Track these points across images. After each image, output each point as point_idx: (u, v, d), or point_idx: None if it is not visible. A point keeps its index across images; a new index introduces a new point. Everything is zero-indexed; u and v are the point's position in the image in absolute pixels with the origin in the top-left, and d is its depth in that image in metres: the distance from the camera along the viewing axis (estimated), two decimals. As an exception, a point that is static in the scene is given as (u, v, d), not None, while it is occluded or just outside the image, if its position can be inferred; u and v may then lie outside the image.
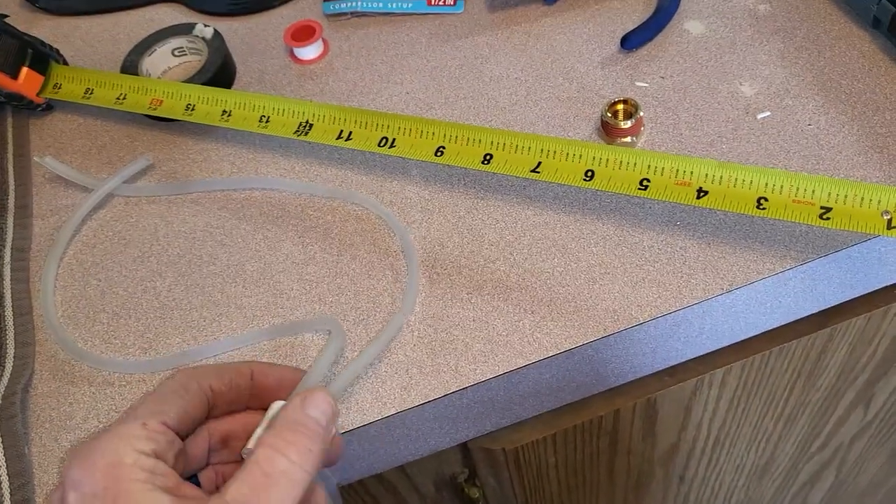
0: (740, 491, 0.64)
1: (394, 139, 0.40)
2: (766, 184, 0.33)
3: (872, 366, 0.50)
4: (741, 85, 0.43)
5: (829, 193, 0.32)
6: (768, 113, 0.41)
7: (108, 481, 0.24)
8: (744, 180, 0.34)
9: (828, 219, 0.32)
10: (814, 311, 0.40)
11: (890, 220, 0.31)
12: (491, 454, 0.44)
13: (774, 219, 0.33)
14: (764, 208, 0.33)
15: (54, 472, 0.35)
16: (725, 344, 0.40)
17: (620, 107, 0.41)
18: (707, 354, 0.41)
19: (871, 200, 0.32)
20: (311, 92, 0.47)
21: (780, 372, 0.46)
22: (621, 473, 0.52)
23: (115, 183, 0.44)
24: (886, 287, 0.41)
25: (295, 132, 0.42)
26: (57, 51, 0.50)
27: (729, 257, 0.36)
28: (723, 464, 0.57)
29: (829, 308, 0.41)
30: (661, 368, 0.40)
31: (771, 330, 0.41)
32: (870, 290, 0.40)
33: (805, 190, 0.33)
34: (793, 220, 0.33)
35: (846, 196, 0.32)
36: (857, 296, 0.40)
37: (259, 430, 0.28)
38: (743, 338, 0.40)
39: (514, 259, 0.38)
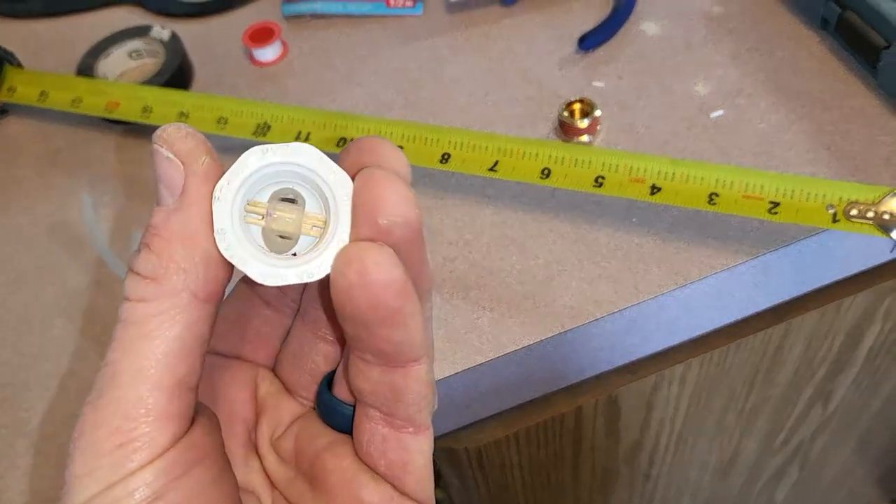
0: (706, 488, 0.65)
1: (352, 139, 0.40)
2: (717, 179, 0.34)
3: (829, 361, 0.51)
4: (695, 85, 0.44)
5: (777, 189, 0.33)
6: (721, 112, 0.42)
7: None
8: (695, 176, 0.34)
9: (776, 213, 0.33)
10: (768, 306, 0.41)
11: (834, 214, 0.32)
12: (454, 454, 0.44)
13: (725, 214, 0.34)
14: (715, 203, 0.34)
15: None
16: (683, 339, 0.40)
17: (577, 106, 0.42)
18: (666, 351, 0.42)
19: (816, 195, 0.32)
20: (270, 93, 0.47)
21: (738, 367, 0.47)
22: (586, 472, 0.52)
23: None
24: (838, 282, 0.42)
25: (253, 133, 0.41)
26: (12, 54, 0.49)
27: (683, 253, 0.37)
28: (687, 461, 0.58)
29: (784, 304, 0.42)
30: (620, 364, 0.40)
31: (728, 325, 0.42)
32: (822, 285, 0.41)
33: (754, 185, 0.33)
34: (743, 215, 0.33)
35: (793, 191, 0.33)
36: (809, 290, 0.41)
37: None
38: (700, 333, 0.40)
39: (473, 258, 0.38)
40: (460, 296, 0.37)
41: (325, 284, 0.18)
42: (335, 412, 0.21)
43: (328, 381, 0.21)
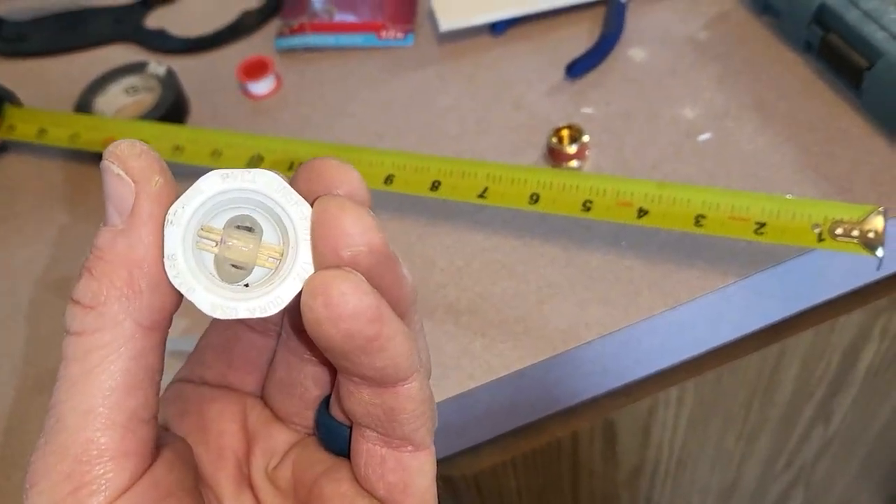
0: (709, 513, 0.64)
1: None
2: (704, 201, 0.34)
3: (827, 381, 0.51)
4: (682, 109, 0.44)
5: (763, 209, 0.33)
6: (709, 135, 0.43)
7: None
8: (682, 199, 0.35)
9: (762, 233, 0.33)
10: (760, 326, 0.41)
11: (820, 234, 0.32)
12: (451, 482, 0.43)
13: (713, 235, 0.34)
14: (702, 225, 0.34)
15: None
16: (676, 361, 0.40)
17: (565, 132, 0.42)
18: (661, 373, 0.42)
19: (802, 215, 0.33)
20: (264, 126, 0.48)
21: (735, 388, 0.47)
22: (586, 497, 0.52)
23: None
24: (830, 301, 0.42)
25: (247, 165, 0.42)
26: (11, 92, 0.50)
27: (673, 275, 0.37)
28: (689, 485, 0.57)
29: (778, 324, 0.42)
30: (614, 387, 0.40)
31: (723, 347, 0.42)
32: (813, 304, 0.41)
33: (740, 206, 0.34)
34: (730, 236, 0.34)
35: (779, 211, 0.33)
36: (801, 310, 0.41)
37: None
38: (692, 354, 0.40)
39: (465, 283, 0.38)
40: (452, 321, 0.37)
41: (299, 313, 0.17)
42: (337, 435, 0.20)
43: (327, 403, 0.20)
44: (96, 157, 0.48)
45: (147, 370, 0.17)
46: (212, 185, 0.17)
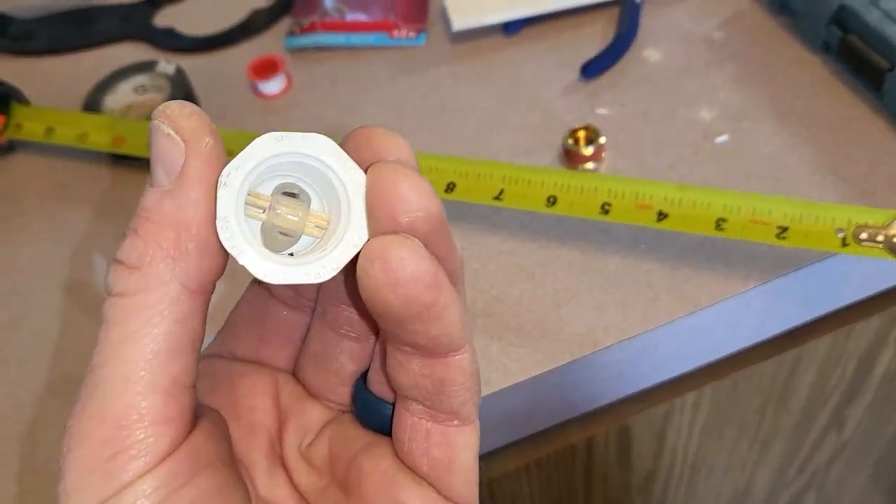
0: (720, 519, 0.64)
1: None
2: (725, 205, 0.34)
3: (842, 388, 0.51)
4: (699, 110, 0.44)
5: (786, 213, 0.33)
6: (726, 136, 0.42)
7: None
8: (702, 202, 0.34)
9: (784, 238, 0.32)
10: (779, 332, 0.40)
11: (844, 238, 0.32)
12: (463, 487, 0.43)
13: (734, 239, 0.33)
14: (723, 229, 0.33)
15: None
16: (694, 367, 0.40)
17: (581, 133, 0.42)
18: (677, 379, 0.41)
19: (825, 219, 0.32)
20: (274, 126, 0.48)
21: (751, 394, 0.46)
22: (599, 503, 0.52)
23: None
24: (848, 307, 0.42)
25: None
26: (18, 91, 0.49)
27: (693, 279, 0.36)
28: (702, 492, 0.57)
29: (795, 330, 0.41)
30: (630, 393, 0.40)
31: (739, 353, 0.41)
32: (832, 310, 0.41)
33: (762, 210, 0.33)
34: (751, 240, 0.33)
35: (801, 215, 0.32)
36: (820, 315, 0.40)
37: None
38: (710, 360, 0.40)
39: (481, 286, 0.38)
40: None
41: (353, 279, 0.17)
42: (375, 411, 0.19)
43: (364, 378, 0.20)
44: (104, 157, 0.47)
45: (190, 334, 0.16)
46: (265, 147, 0.16)
